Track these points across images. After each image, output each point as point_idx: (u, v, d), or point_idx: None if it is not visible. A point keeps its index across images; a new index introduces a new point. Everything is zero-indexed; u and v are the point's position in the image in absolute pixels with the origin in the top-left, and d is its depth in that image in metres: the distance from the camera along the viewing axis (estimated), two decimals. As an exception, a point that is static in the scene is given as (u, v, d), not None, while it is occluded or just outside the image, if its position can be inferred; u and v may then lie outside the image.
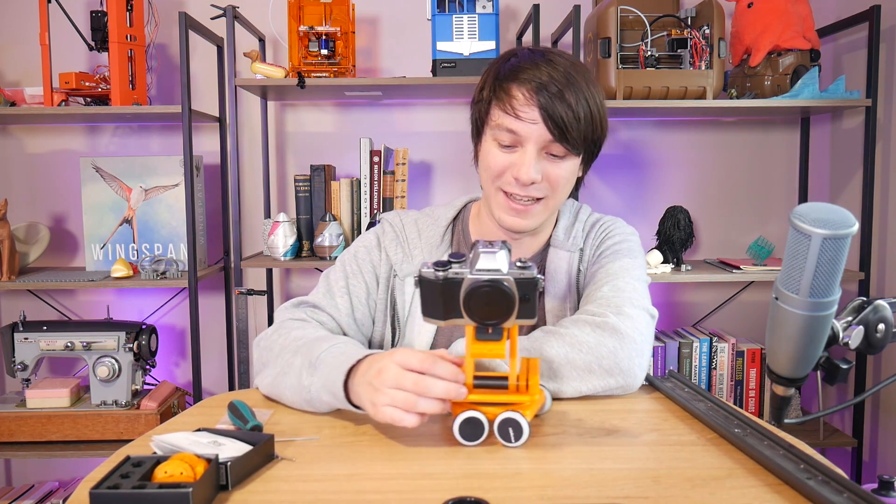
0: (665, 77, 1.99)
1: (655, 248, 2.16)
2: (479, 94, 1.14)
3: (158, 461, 0.74)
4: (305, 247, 2.15)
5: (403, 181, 2.14)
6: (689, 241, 2.15)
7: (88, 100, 2.10)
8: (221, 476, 0.74)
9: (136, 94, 2.07)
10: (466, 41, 2.03)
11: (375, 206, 2.14)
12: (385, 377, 0.86)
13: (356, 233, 2.15)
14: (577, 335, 1.01)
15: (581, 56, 2.08)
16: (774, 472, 0.76)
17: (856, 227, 0.74)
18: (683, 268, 2.13)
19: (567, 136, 1.06)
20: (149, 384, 2.15)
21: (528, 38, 2.10)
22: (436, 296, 0.85)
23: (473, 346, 0.84)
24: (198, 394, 2.10)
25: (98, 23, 2.08)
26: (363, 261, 1.21)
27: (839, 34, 2.29)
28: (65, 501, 2.16)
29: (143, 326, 2.02)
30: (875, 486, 0.80)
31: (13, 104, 2.08)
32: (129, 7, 2.05)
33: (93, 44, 2.09)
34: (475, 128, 1.17)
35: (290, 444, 0.87)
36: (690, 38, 1.99)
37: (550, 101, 1.05)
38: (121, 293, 2.39)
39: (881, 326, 0.83)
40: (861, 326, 0.83)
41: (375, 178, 2.13)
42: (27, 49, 2.28)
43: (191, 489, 0.67)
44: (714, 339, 2.19)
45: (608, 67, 1.99)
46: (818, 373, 0.84)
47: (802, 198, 2.37)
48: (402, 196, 2.14)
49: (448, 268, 0.84)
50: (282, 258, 2.08)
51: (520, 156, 1.09)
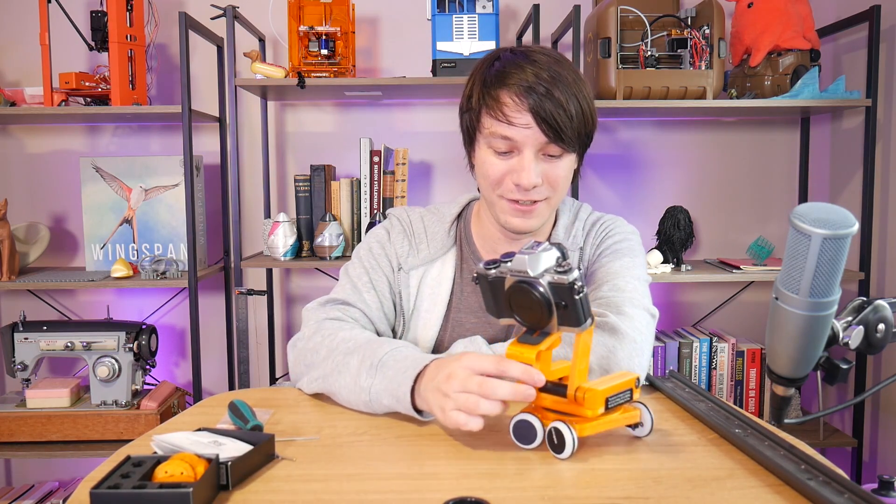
0: (665, 77, 1.99)
1: (655, 248, 2.16)
2: (468, 103, 1.12)
3: (159, 461, 0.74)
4: (305, 247, 2.15)
5: (403, 181, 2.14)
6: (689, 241, 2.15)
7: (88, 100, 2.10)
8: (222, 476, 0.74)
9: (136, 94, 2.07)
10: (466, 41, 2.03)
11: (375, 206, 2.14)
12: (453, 382, 0.85)
13: (356, 233, 2.15)
14: (577, 335, 1.01)
15: (581, 56, 2.08)
16: (775, 473, 0.76)
17: (856, 227, 0.74)
18: (683, 268, 2.13)
19: (562, 136, 1.05)
20: (149, 384, 2.15)
21: (529, 38, 2.10)
22: (488, 293, 0.86)
23: (511, 347, 0.84)
24: (198, 394, 2.10)
25: (98, 23, 2.08)
26: (379, 255, 1.21)
27: (839, 34, 2.29)
28: (65, 501, 2.16)
29: (143, 326, 2.02)
30: (875, 486, 0.80)
31: (13, 104, 2.08)
32: (129, 7, 2.05)
33: (93, 44, 2.09)
34: (467, 136, 1.16)
35: (291, 444, 0.87)
36: (690, 38, 1.99)
37: (541, 103, 1.03)
38: (121, 293, 2.39)
39: (881, 326, 0.83)
40: (861, 326, 0.83)
41: (375, 178, 2.13)
42: (27, 49, 2.28)
43: (191, 489, 0.67)
44: (714, 339, 2.19)
45: (608, 67, 1.99)
46: (818, 373, 0.84)
47: (802, 198, 2.37)
48: (402, 196, 2.14)
49: (497, 266, 0.84)
50: (282, 258, 2.08)
51: (518, 161, 1.07)
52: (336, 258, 2.08)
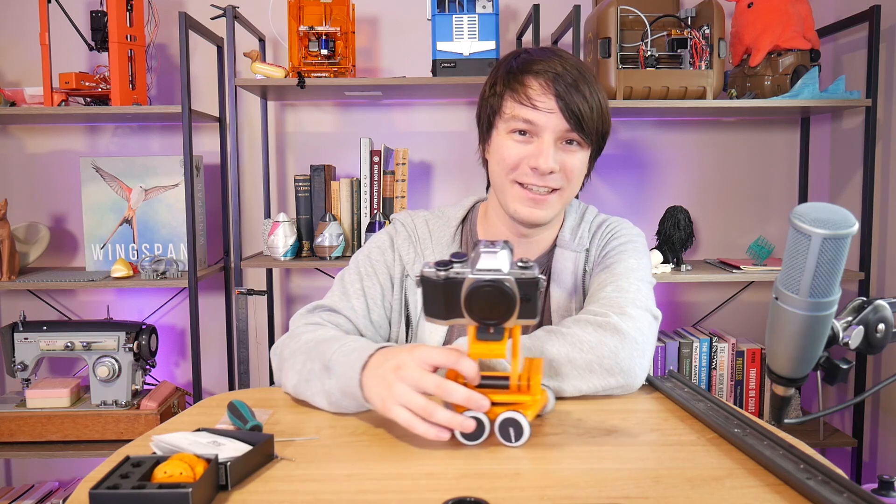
0: (665, 77, 1.99)
1: (655, 248, 2.16)
2: (491, 90, 1.14)
3: (158, 461, 0.74)
4: (305, 247, 2.15)
5: (403, 181, 2.14)
6: (689, 241, 2.15)
7: (88, 100, 2.10)
8: (221, 476, 0.73)
9: (136, 94, 2.07)
10: (466, 41, 2.03)
11: (375, 206, 2.14)
12: (404, 373, 0.85)
13: (356, 233, 2.15)
14: (579, 334, 1.01)
15: (581, 56, 2.08)
16: (774, 473, 0.76)
17: (856, 227, 0.74)
18: (683, 268, 2.13)
19: (583, 126, 1.08)
20: (149, 384, 2.15)
21: (528, 38, 2.10)
22: (437, 295, 0.85)
23: (474, 346, 0.84)
24: (198, 394, 2.10)
25: (98, 23, 2.08)
26: (377, 262, 1.21)
27: (839, 34, 2.29)
28: (65, 501, 2.16)
29: (143, 326, 2.02)
30: (875, 486, 0.80)
31: (13, 104, 2.08)
32: (129, 7, 2.05)
33: (93, 44, 2.09)
34: (485, 124, 1.17)
35: (290, 444, 0.87)
36: (690, 38, 1.99)
37: (567, 91, 1.07)
38: (121, 293, 2.39)
39: (881, 326, 0.83)
40: (861, 326, 0.83)
41: (375, 178, 2.13)
42: (27, 49, 2.28)
43: (190, 489, 0.67)
44: (714, 339, 2.19)
45: (608, 67, 1.99)
46: (818, 373, 0.84)
47: (802, 198, 2.37)
48: (402, 196, 2.14)
49: (449, 267, 0.84)
50: (282, 258, 2.08)
51: (536, 146, 1.10)
52: (336, 258, 2.08)
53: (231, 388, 2.35)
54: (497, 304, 0.81)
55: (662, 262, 2.13)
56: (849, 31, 2.24)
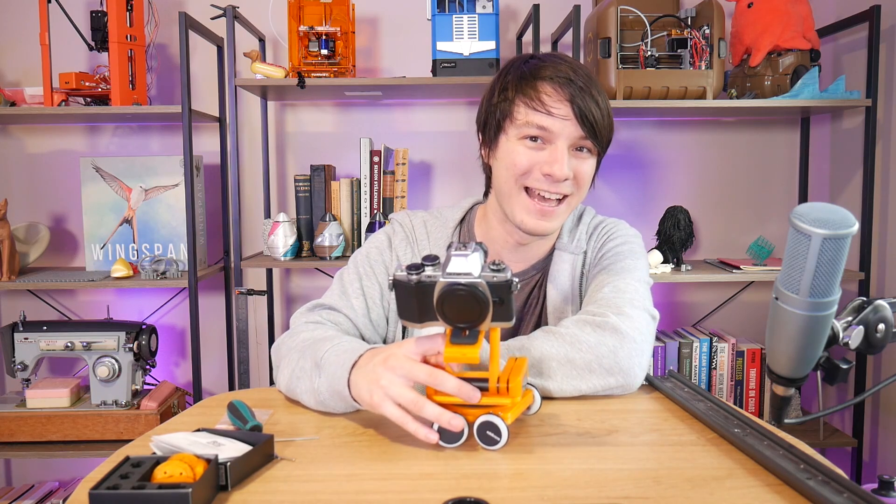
0: (665, 77, 1.99)
1: (655, 248, 2.16)
2: (501, 95, 1.12)
3: (158, 461, 0.74)
4: (305, 247, 2.15)
5: (403, 181, 2.13)
6: (689, 241, 2.15)
7: (88, 100, 2.10)
8: (221, 476, 0.73)
9: (136, 94, 2.07)
10: (466, 41, 2.03)
11: (375, 206, 2.14)
12: (393, 363, 0.86)
13: (356, 233, 2.15)
14: (578, 334, 1.01)
15: (581, 56, 2.08)
16: (774, 473, 0.76)
17: (856, 227, 0.74)
18: (683, 268, 2.13)
19: (596, 133, 1.08)
20: (149, 384, 2.15)
21: (529, 39, 2.10)
22: (410, 299, 0.84)
23: (448, 351, 0.83)
24: (198, 394, 2.10)
25: (98, 23, 2.08)
26: (375, 261, 1.21)
27: (839, 34, 2.29)
28: (65, 501, 2.16)
29: (143, 326, 2.02)
30: (875, 486, 0.80)
31: (13, 104, 2.08)
32: (129, 7, 2.05)
33: (93, 44, 2.09)
34: (493, 129, 1.14)
35: (290, 444, 0.87)
36: (690, 38, 1.99)
37: (581, 97, 1.07)
38: (121, 293, 2.39)
39: (881, 326, 0.83)
40: (861, 326, 0.83)
41: (375, 178, 2.13)
42: (27, 49, 2.28)
43: (190, 489, 0.67)
44: (714, 339, 2.19)
45: (608, 67, 1.99)
46: (818, 373, 0.84)
47: (802, 198, 2.37)
48: (402, 196, 2.14)
49: (421, 271, 0.83)
50: (282, 258, 2.08)
51: (550, 153, 1.09)
52: (336, 258, 2.08)
53: (231, 388, 2.35)
54: (468, 308, 0.81)
55: (662, 262, 2.13)
56: (849, 31, 2.24)
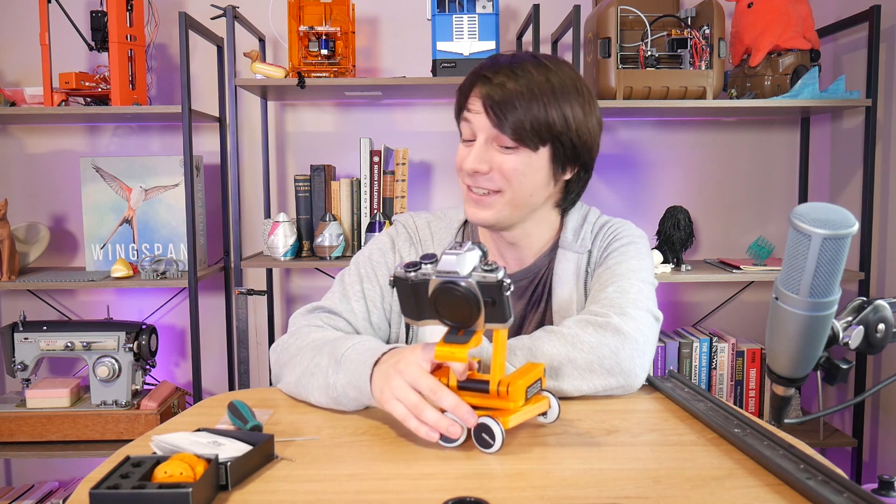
0: (665, 77, 1.99)
1: (655, 248, 2.16)
2: (456, 104, 1.17)
3: (158, 461, 0.74)
4: (305, 247, 2.15)
5: (403, 181, 2.13)
6: (689, 241, 2.15)
7: (88, 100, 2.10)
8: (221, 476, 0.73)
9: (136, 94, 2.07)
10: (466, 41, 2.03)
11: (375, 206, 2.14)
12: (403, 369, 0.87)
13: (356, 233, 2.15)
14: (579, 334, 1.01)
15: (581, 56, 2.08)
16: (774, 473, 0.76)
17: (856, 227, 0.74)
18: (683, 268, 2.13)
19: (508, 124, 1.05)
20: (149, 384, 2.15)
21: (529, 39, 2.10)
22: (409, 296, 0.85)
23: (439, 348, 0.83)
24: (198, 394, 2.10)
25: (98, 23, 2.08)
26: (378, 263, 1.21)
27: (839, 34, 2.29)
28: (65, 501, 2.16)
29: (143, 326, 2.02)
30: (875, 486, 0.80)
31: (13, 104, 2.08)
32: (129, 7, 2.05)
33: (93, 44, 2.09)
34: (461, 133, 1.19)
35: (290, 444, 0.87)
36: (690, 38, 1.99)
37: (492, 90, 1.06)
38: (121, 293, 2.39)
39: (881, 326, 0.83)
40: (861, 326, 0.83)
41: (375, 178, 2.13)
42: (27, 49, 2.28)
43: (190, 489, 0.67)
44: (714, 339, 2.19)
45: (608, 67, 1.99)
46: (818, 373, 0.84)
47: (802, 198, 2.37)
48: (402, 196, 2.14)
49: (418, 268, 0.84)
50: (282, 258, 2.08)
51: (472, 147, 1.11)
52: (336, 258, 2.08)
53: (231, 388, 2.35)
54: (459, 307, 0.81)
55: (662, 262, 2.13)
56: (849, 31, 2.24)
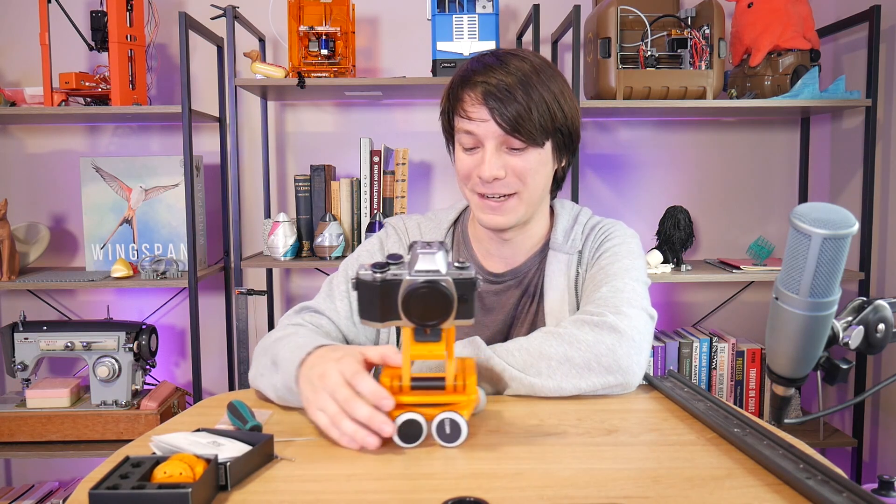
0: (665, 77, 1.99)
1: (655, 248, 2.16)
2: (442, 105, 1.17)
3: (158, 461, 0.74)
4: (305, 247, 2.15)
5: (403, 181, 2.13)
6: (689, 241, 2.15)
7: (88, 100, 2.10)
8: (221, 476, 0.73)
9: (136, 94, 2.07)
10: (466, 41, 2.03)
11: (375, 206, 2.14)
12: (325, 382, 0.87)
13: (356, 233, 2.15)
14: (576, 334, 1.01)
15: (581, 56, 2.08)
16: (774, 472, 0.76)
17: (856, 227, 0.74)
18: (683, 268, 2.13)
19: (519, 128, 1.07)
20: (149, 384, 2.15)
21: (529, 38, 2.10)
22: (374, 298, 0.84)
23: (414, 348, 0.84)
24: (198, 394, 2.10)
25: (98, 23, 2.08)
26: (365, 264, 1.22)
27: (839, 34, 2.29)
28: (65, 501, 2.16)
29: (143, 326, 2.02)
30: (875, 486, 0.80)
31: (13, 104, 2.08)
32: (129, 7, 2.05)
33: (93, 44, 2.09)
34: (447, 138, 1.20)
35: (290, 444, 0.87)
36: (690, 38, 1.99)
37: (495, 96, 1.07)
38: (121, 293, 2.39)
39: (881, 326, 0.83)
40: (861, 326, 0.83)
41: (375, 178, 2.13)
42: (27, 49, 2.28)
43: (190, 489, 0.67)
44: (714, 339, 2.19)
45: (608, 67, 1.99)
46: (818, 373, 0.84)
47: (802, 198, 2.37)
48: (402, 196, 2.14)
49: (386, 269, 0.84)
50: (282, 258, 2.08)
51: (481, 155, 1.11)
52: (336, 258, 2.08)
53: (231, 389, 2.35)
54: (435, 305, 0.81)
55: (662, 262, 2.13)
56: (849, 31, 2.24)
